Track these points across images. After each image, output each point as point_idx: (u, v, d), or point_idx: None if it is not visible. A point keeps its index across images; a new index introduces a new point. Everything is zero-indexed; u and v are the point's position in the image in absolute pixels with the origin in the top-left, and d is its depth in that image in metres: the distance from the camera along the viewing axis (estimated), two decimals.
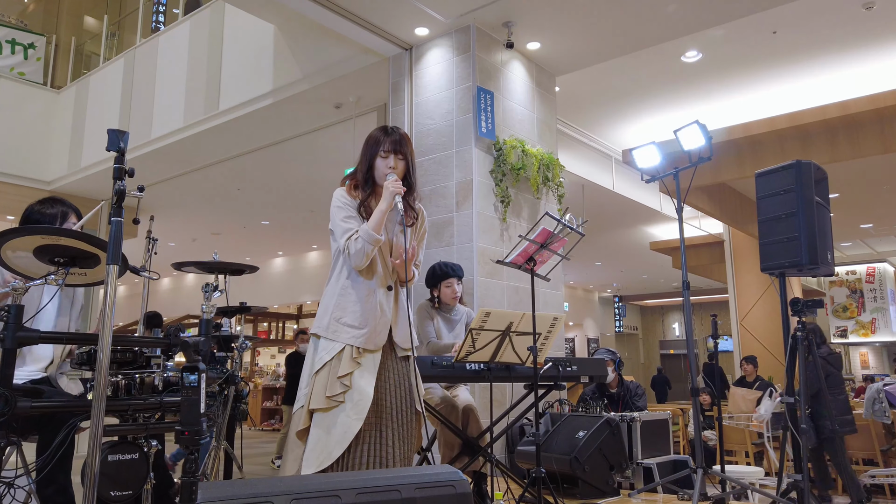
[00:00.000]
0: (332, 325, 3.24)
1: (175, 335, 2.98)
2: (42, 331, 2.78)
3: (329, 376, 3.16)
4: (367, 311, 3.26)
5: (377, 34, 7.23)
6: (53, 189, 11.93)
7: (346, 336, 3.21)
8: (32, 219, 3.69)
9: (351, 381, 3.15)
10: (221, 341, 4.69)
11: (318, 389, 3.16)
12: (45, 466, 2.92)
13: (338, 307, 3.27)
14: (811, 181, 4.57)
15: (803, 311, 4.61)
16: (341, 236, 3.25)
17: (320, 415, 3.15)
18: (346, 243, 3.21)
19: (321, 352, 3.23)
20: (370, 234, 3.17)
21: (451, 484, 2.70)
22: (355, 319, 3.24)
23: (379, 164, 3.35)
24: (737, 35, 7.99)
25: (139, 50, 11.17)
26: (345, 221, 3.27)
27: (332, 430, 3.10)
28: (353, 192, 3.38)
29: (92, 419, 2.19)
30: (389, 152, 3.33)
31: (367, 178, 3.38)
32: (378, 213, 3.21)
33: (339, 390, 3.13)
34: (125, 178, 2.37)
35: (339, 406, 3.13)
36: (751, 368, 10.62)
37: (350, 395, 3.14)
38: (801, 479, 4.30)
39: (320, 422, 3.14)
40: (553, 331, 4.45)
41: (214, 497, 2.33)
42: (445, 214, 6.85)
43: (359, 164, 3.43)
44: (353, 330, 3.22)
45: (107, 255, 2.32)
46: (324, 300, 3.36)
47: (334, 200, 3.35)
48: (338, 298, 3.29)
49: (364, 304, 3.26)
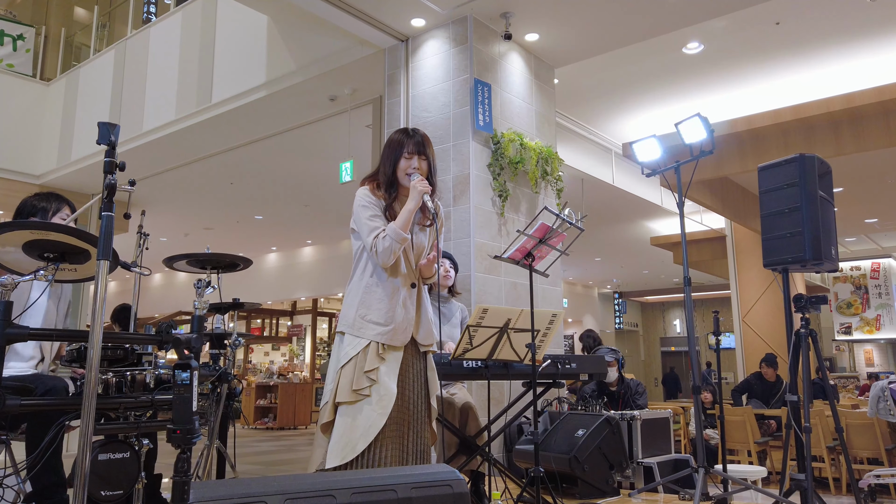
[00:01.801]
0: (357, 322, 3.33)
1: (167, 332, 2.98)
2: (32, 328, 2.78)
3: (355, 370, 3.25)
4: (392, 308, 3.35)
5: (372, 25, 7.21)
6: (43, 183, 11.90)
7: (371, 333, 3.30)
8: (26, 210, 3.71)
9: (377, 377, 3.24)
10: (214, 338, 4.68)
11: (345, 383, 3.24)
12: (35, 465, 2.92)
13: (363, 304, 3.35)
14: (815, 175, 4.57)
15: (807, 307, 4.61)
16: (368, 234, 3.33)
17: (346, 408, 3.24)
18: (374, 241, 3.29)
19: (347, 347, 3.31)
20: (398, 233, 3.28)
21: (448, 483, 2.70)
22: (380, 316, 3.33)
23: (402, 166, 3.45)
24: (739, 26, 7.98)
25: (130, 41, 11.14)
26: (371, 220, 3.35)
27: (358, 423, 3.19)
28: (377, 192, 3.47)
29: (82, 417, 2.19)
30: (413, 154, 3.46)
31: (392, 180, 3.48)
32: (406, 212, 3.33)
33: (366, 384, 3.22)
34: (116, 172, 2.37)
35: (364, 400, 3.22)
36: (770, 371, 10.29)
37: (376, 389, 3.23)
38: (805, 479, 4.30)
39: (345, 415, 3.23)
40: (552, 328, 4.45)
41: (207, 497, 2.33)
42: (442, 209, 6.84)
43: (381, 166, 3.52)
44: (379, 327, 3.31)
45: (97, 251, 2.32)
46: (347, 298, 3.44)
47: (358, 199, 3.43)
48: (363, 296, 3.37)
49: (389, 302, 3.36)
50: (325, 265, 18.14)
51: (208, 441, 4.60)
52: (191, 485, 2.33)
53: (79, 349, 3.14)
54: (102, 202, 2.35)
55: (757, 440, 8.96)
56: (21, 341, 2.84)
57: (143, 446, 3.02)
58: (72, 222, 3.80)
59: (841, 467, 8.32)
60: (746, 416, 9.00)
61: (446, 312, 5.14)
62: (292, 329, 22.05)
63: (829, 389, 5.94)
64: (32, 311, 3.53)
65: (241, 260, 4.63)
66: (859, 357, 22.04)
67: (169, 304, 21.31)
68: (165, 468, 2.98)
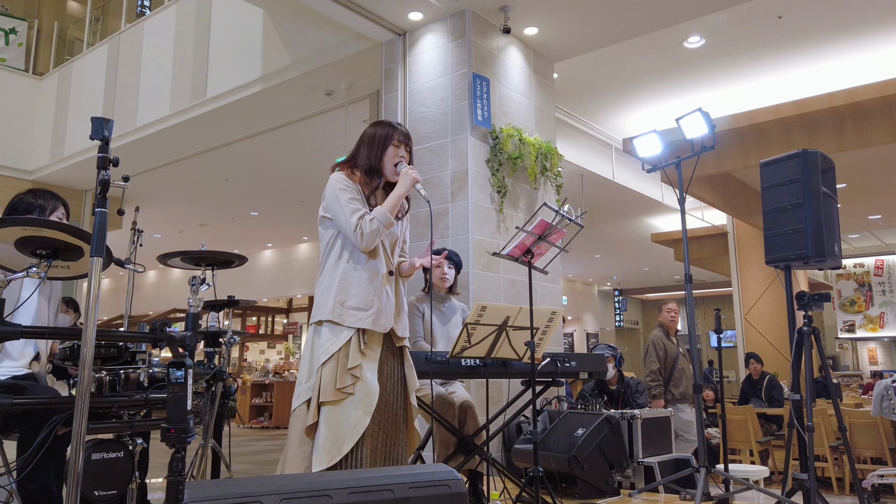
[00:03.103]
0: (336, 309, 3.25)
1: (161, 330, 2.98)
2: (24, 326, 2.78)
3: (337, 367, 3.16)
4: (372, 292, 3.30)
5: (369, 19, 7.21)
6: (36, 179, 11.90)
7: (352, 319, 3.23)
8: (20, 208, 3.69)
9: (360, 373, 3.17)
10: (209, 336, 4.68)
11: (327, 382, 3.15)
12: (27, 465, 2.92)
13: (341, 291, 3.28)
14: (818, 171, 4.57)
15: (809, 305, 4.61)
16: (350, 216, 3.27)
17: (329, 408, 3.14)
18: (359, 222, 3.25)
19: (325, 342, 3.22)
20: (387, 216, 3.27)
21: (446, 483, 2.70)
22: (360, 301, 3.27)
23: (391, 153, 3.45)
24: (741, 20, 7.98)
25: (124, 35, 11.13)
26: (351, 203, 3.31)
27: (343, 423, 3.11)
28: (353, 176, 3.44)
29: (75, 417, 2.18)
30: (401, 143, 3.48)
31: (376, 167, 3.46)
32: (395, 196, 3.34)
33: (349, 382, 3.14)
34: (109, 168, 2.37)
35: (347, 399, 3.14)
36: (757, 367, 10.58)
37: (359, 386, 3.16)
38: (808, 479, 4.31)
39: (329, 415, 3.13)
40: (551, 325, 4.45)
41: (202, 497, 2.33)
42: (440, 205, 6.84)
43: (367, 152, 3.48)
44: (360, 312, 3.25)
45: (90, 247, 2.31)
46: (321, 288, 3.37)
47: (335, 183, 3.38)
48: (340, 283, 3.30)
49: (368, 286, 3.30)
50: None
51: (203, 440, 4.60)
52: (185, 485, 2.32)
53: (72, 347, 3.13)
54: (96, 198, 2.35)
55: (759, 439, 8.98)
56: (13, 339, 2.84)
57: (136, 446, 3.02)
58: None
59: (844, 467, 8.34)
60: (748, 416, 9.01)
61: (446, 312, 5.14)
62: (288, 327, 22.04)
63: (832, 388, 5.93)
64: (23, 309, 3.52)
65: (237, 257, 4.62)
66: (863, 355, 22.07)
67: (163, 302, 21.30)
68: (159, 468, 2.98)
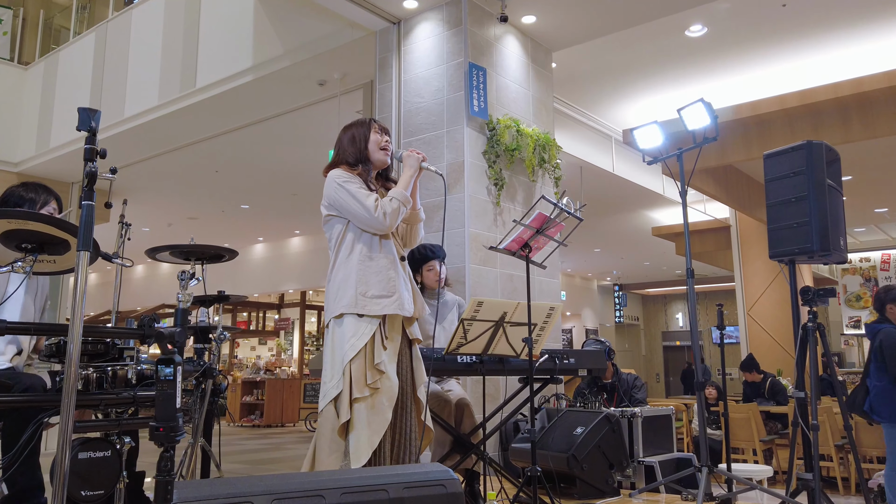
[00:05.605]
0: (359, 300, 3.29)
1: (149, 326, 2.97)
2: (9, 321, 2.77)
3: (366, 363, 3.23)
4: (394, 277, 3.38)
5: (363, 6, 7.19)
6: (21, 171, 11.86)
7: (377, 308, 3.29)
8: (12, 201, 3.69)
9: (384, 367, 3.25)
10: (198, 332, 4.68)
11: (358, 377, 3.21)
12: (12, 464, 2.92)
13: (361, 283, 3.33)
14: (823, 163, 4.57)
15: (814, 300, 4.61)
16: (365, 200, 3.33)
17: (362, 404, 3.20)
18: (377, 204, 3.32)
19: (350, 337, 3.26)
20: (404, 194, 3.40)
21: (442, 483, 2.71)
22: (382, 289, 3.33)
23: (374, 139, 3.56)
24: (744, 8, 7.97)
25: (111, 24, 11.09)
26: (360, 190, 3.38)
27: (374, 418, 3.18)
28: (350, 171, 3.51)
29: (62, 414, 2.18)
30: (380, 130, 3.60)
31: (364, 156, 3.54)
32: (406, 178, 3.47)
33: (377, 377, 3.23)
34: (97, 160, 2.36)
35: (375, 393, 3.22)
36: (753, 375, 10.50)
37: (382, 381, 3.24)
38: (812, 479, 4.32)
39: (363, 412, 3.20)
40: (549, 321, 4.46)
41: (191, 497, 2.33)
42: (435, 198, 6.84)
43: (351, 145, 3.57)
44: (383, 300, 3.31)
45: (77, 241, 2.31)
46: (336, 281, 3.39)
47: (337, 178, 3.44)
48: (357, 275, 3.34)
49: (388, 273, 3.37)
50: (314, 256, 18.11)
51: (192, 439, 4.60)
52: (174, 484, 2.33)
53: (58, 343, 3.13)
54: (83, 191, 2.34)
55: (762, 438, 9.00)
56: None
57: (124, 444, 3.02)
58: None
59: (850, 466, 8.35)
60: (752, 414, 9.02)
61: (442, 309, 5.15)
62: (280, 323, 22.02)
63: (838, 385, 5.92)
64: (8, 305, 3.52)
65: (227, 251, 4.62)
66: None
67: (152, 297, 21.28)
68: (148, 467, 2.98)
